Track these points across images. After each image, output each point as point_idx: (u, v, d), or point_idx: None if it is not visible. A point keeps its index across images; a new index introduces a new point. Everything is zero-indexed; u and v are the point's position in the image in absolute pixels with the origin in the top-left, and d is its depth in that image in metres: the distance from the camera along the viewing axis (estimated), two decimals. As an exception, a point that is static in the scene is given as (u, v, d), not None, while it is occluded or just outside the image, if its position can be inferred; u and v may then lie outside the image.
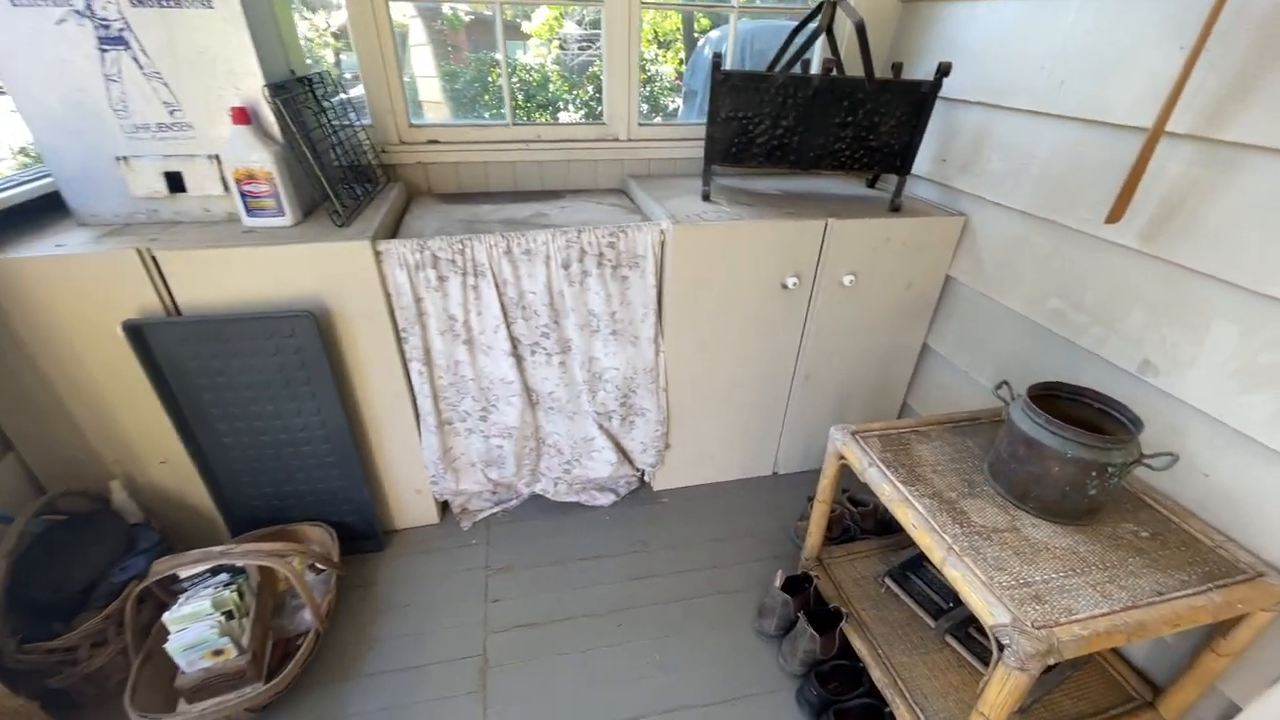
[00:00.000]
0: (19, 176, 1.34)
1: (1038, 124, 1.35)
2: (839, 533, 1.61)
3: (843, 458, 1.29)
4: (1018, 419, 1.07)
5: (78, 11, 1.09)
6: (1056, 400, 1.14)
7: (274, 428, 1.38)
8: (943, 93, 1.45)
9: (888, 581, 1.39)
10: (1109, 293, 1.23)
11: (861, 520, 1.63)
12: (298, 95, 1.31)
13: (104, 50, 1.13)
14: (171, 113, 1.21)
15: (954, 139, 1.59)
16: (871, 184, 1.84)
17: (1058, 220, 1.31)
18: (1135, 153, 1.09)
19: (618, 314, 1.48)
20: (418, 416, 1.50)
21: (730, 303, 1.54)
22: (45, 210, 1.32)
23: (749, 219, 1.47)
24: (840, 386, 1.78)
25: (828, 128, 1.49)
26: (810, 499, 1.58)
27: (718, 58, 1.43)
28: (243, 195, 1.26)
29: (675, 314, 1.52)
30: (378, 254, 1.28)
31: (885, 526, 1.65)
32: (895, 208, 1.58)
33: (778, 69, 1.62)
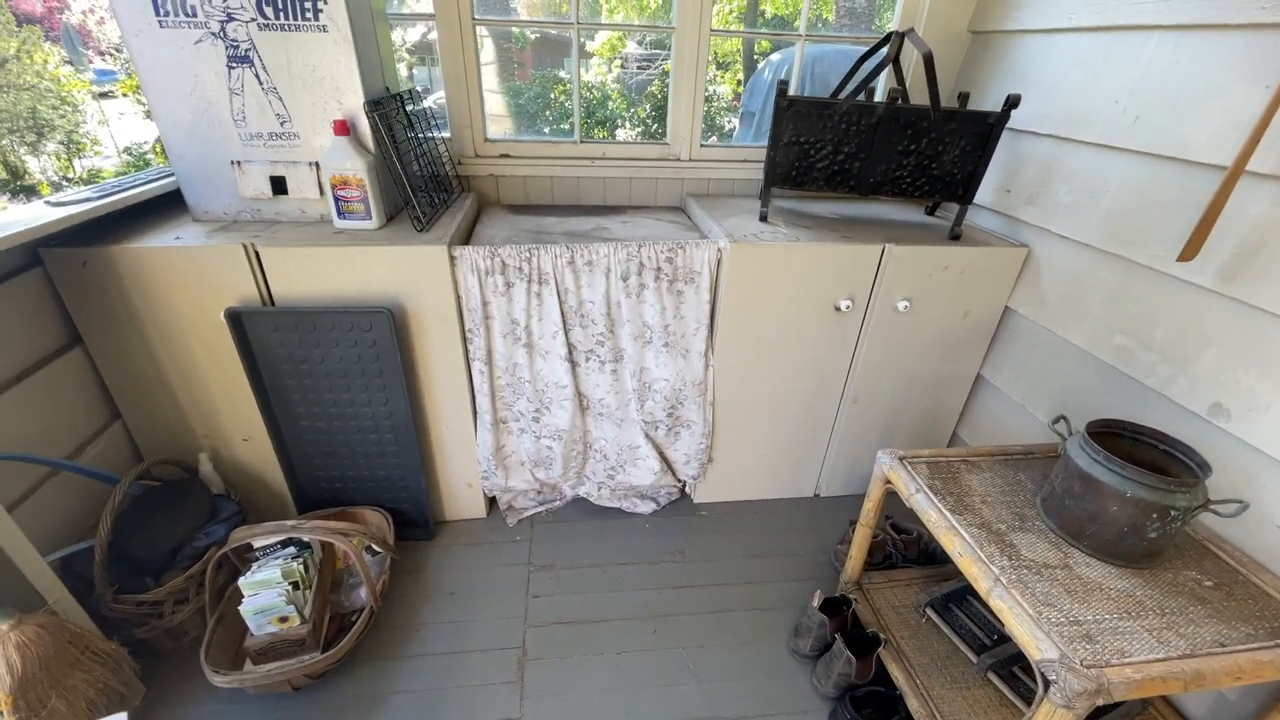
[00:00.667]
0: (147, 175, 1.50)
1: (1109, 158, 1.33)
2: (880, 559, 1.59)
3: (889, 482, 1.29)
4: (1075, 454, 1.06)
5: (213, 34, 1.23)
6: (1118, 439, 1.11)
7: (345, 415, 1.48)
8: (1010, 123, 1.45)
9: (929, 612, 1.37)
10: (1180, 332, 1.20)
11: (904, 548, 1.60)
12: (390, 110, 1.43)
13: (231, 68, 1.27)
14: (282, 123, 1.34)
15: (1020, 170, 1.57)
16: (931, 211, 1.84)
17: (1127, 256, 1.29)
18: (1211, 191, 1.07)
19: (671, 327, 1.53)
20: (475, 414, 1.58)
21: (782, 321, 1.57)
22: (166, 206, 1.47)
23: (805, 241, 1.50)
24: (889, 412, 1.77)
25: (890, 155, 1.51)
26: (852, 523, 1.57)
27: (783, 84, 1.48)
28: (336, 199, 1.38)
29: (727, 330, 1.56)
30: (452, 259, 1.38)
31: (928, 556, 1.63)
32: (955, 236, 1.58)
33: (842, 96, 1.65)
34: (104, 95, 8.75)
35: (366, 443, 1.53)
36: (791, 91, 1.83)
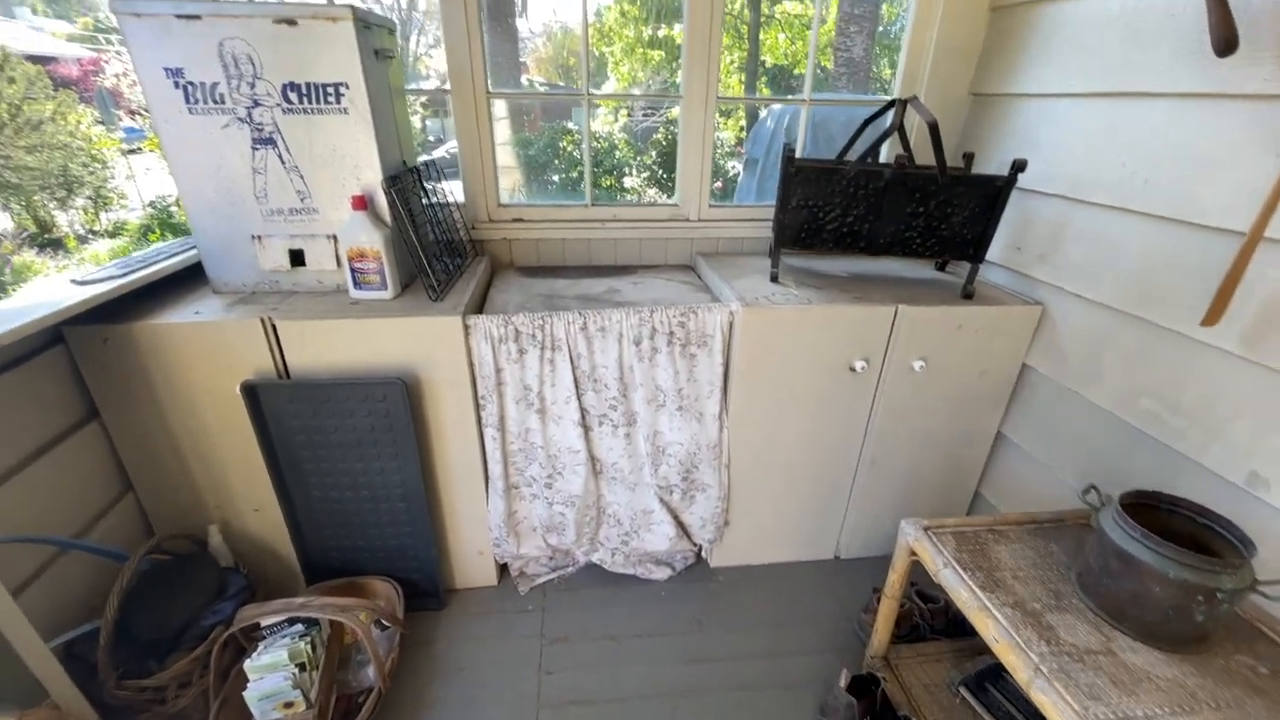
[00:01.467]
0: (170, 249, 1.54)
1: (1121, 219, 1.33)
2: (907, 630, 1.52)
3: (914, 554, 1.25)
4: (1109, 529, 1.02)
5: (240, 119, 1.28)
6: (1153, 511, 1.07)
7: (358, 484, 1.47)
8: (1017, 184, 1.46)
9: (962, 691, 1.30)
10: (1209, 397, 1.17)
11: (932, 618, 1.54)
12: (407, 184, 1.47)
13: (255, 149, 1.31)
14: (302, 199, 1.38)
15: (1029, 228, 1.58)
16: (941, 267, 1.84)
17: (1148, 318, 1.27)
18: (1231, 255, 1.06)
19: (684, 390, 1.52)
20: (487, 480, 1.56)
21: (796, 383, 1.55)
22: (187, 278, 1.50)
23: (817, 303, 1.50)
24: (908, 472, 1.73)
25: (899, 217, 1.52)
26: (876, 590, 1.52)
27: (789, 148, 1.51)
28: (353, 271, 1.40)
29: (741, 392, 1.54)
30: (466, 327, 1.38)
31: (958, 626, 1.55)
32: (968, 294, 1.57)
33: (847, 158, 1.68)
34: (132, 151, 9.15)
35: (378, 512, 1.51)
36: (798, 151, 1.86)
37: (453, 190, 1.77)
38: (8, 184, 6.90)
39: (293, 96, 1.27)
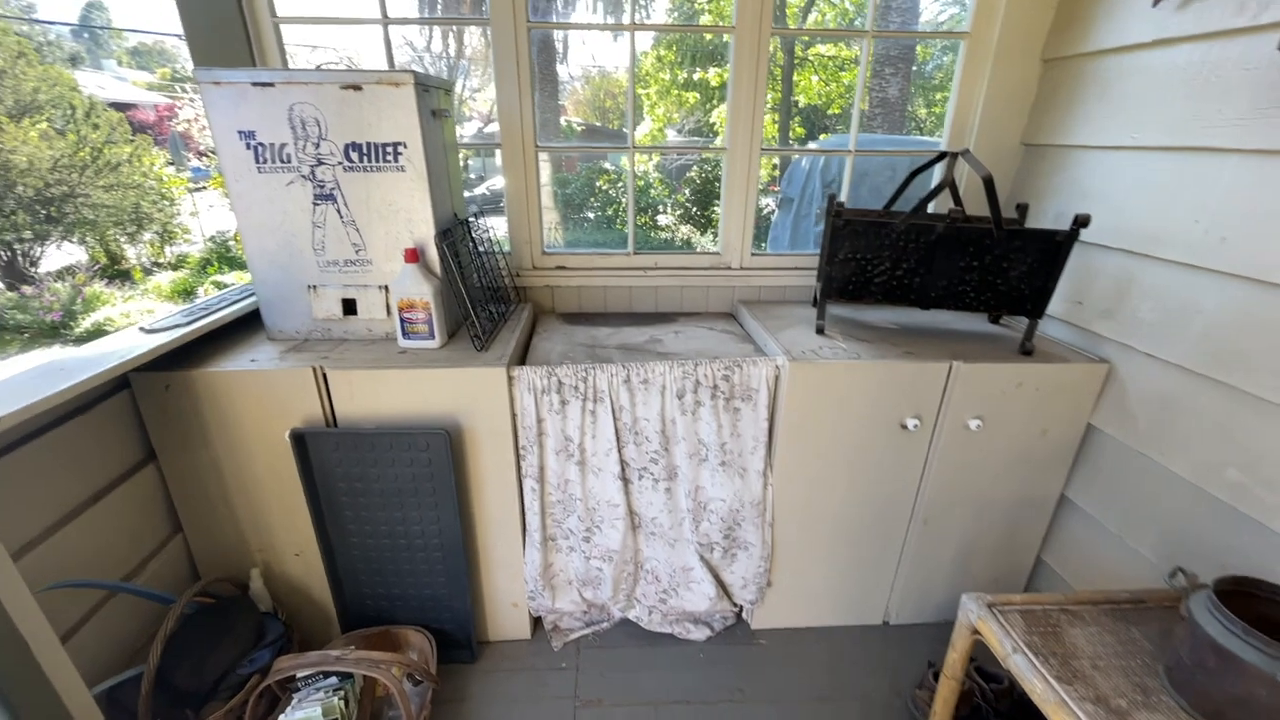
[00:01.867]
0: (230, 295, 1.60)
1: (1196, 277, 1.26)
2: (967, 712, 1.41)
3: (977, 632, 1.16)
4: (1204, 621, 0.92)
5: (303, 176, 1.33)
6: (1253, 599, 0.97)
7: (395, 533, 1.46)
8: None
9: (1034, 788, 1.19)
10: (1307, 473, 1.07)
11: (995, 699, 1.42)
12: (457, 236, 1.50)
13: (316, 204, 1.36)
14: (357, 251, 1.42)
15: (1092, 282, 1.51)
16: (995, 319, 1.78)
17: (1232, 383, 1.19)
18: (1328, 323, 0.99)
19: (728, 445, 1.48)
20: (524, 531, 1.54)
21: (844, 440, 1.50)
22: (243, 324, 1.55)
23: (866, 357, 1.45)
24: (964, 535, 1.64)
25: (952, 271, 1.48)
26: (931, 666, 1.42)
27: (838, 203, 1.49)
28: (402, 321, 1.43)
29: (786, 448, 1.50)
30: (510, 378, 1.38)
31: (1023, 709, 1.43)
32: (1026, 350, 1.50)
33: (893, 207, 1.65)
34: (198, 189, 9.78)
35: (414, 561, 1.50)
36: (841, 196, 1.84)
37: (494, 226, 1.81)
38: (85, 220, 7.42)
39: (354, 155, 1.32)
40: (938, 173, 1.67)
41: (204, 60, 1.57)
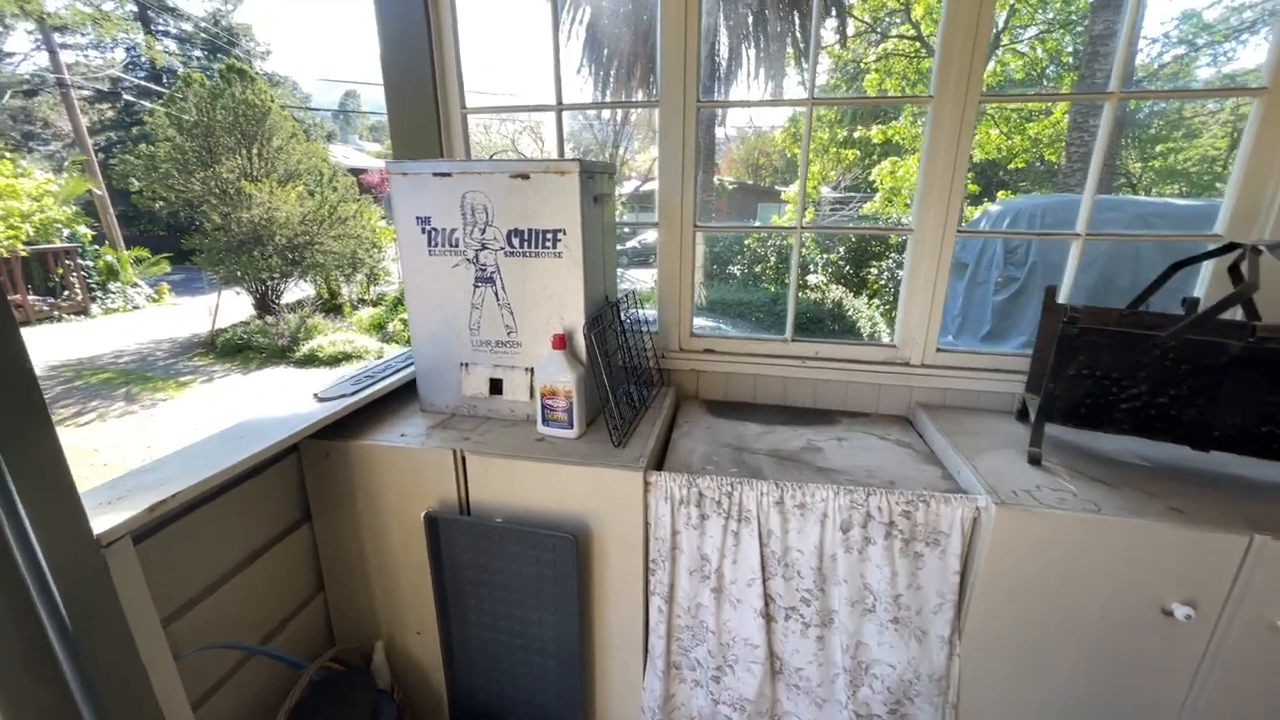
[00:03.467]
0: (394, 365, 1.68)
1: None
2: None
3: None
4: None
5: (468, 260, 1.36)
6: None
7: (513, 630, 1.37)
8: None
9: None
10: None
11: None
12: (607, 320, 1.43)
13: (476, 286, 1.38)
14: (509, 333, 1.40)
15: None
16: (1307, 466, 1.27)
17: None
18: None
19: (903, 598, 1.19)
20: (646, 654, 1.36)
21: (1072, 617, 1.12)
22: (401, 393, 1.62)
23: (1111, 511, 1.09)
24: (1260, 781, 1.13)
25: (1252, 405, 1.07)
26: None
27: (1070, 309, 1.17)
28: (543, 407, 1.37)
29: (984, 614, 1.16)
30: (647, 484, 1.25)
31: None
32: (1384, 531, 1.02)
33: (1145, 307, 1.28)
34: (400, 240, 11.47)
35: (529, 664, 1.39)
36: (1062, 294, 1.49)
37: (639, 279, 1.73)
38: (317, 263, 9.00)
39: (515, 241, 1.32)
40: (1208, 269, 1.27)
41: (402, 144, 1.72)
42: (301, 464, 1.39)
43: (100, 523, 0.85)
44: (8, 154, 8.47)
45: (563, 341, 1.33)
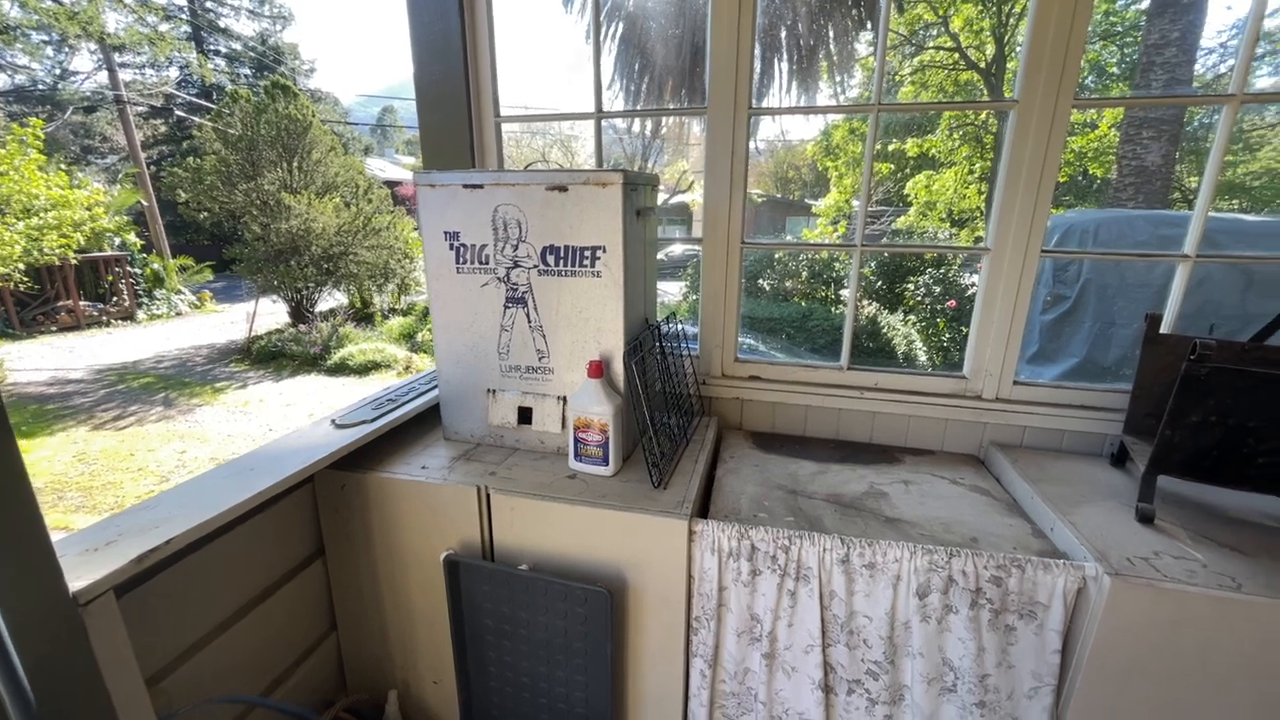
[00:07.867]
0: (416, 387, 1.58)
1: None
2: None
3: None
4: None
5: (499, 278, 1.25)
6: None
7: (538, 688, 1.23)
8: None
9: None
10: None
11: None
12: (646, 346, 1.30)
13: (506, 307, 1.27)
14: (540, 358, 1.29)
15: None
16: None
17: None
18: None
19: (991, 678, 1.02)
20: (686, 722, 1.21)
21: (1206, 710, 0.94)
22: (423, 419, 1.51)
23: (1255, 589, 0.90)
24: None
25: None
26: None
27: (1185, 342, 1.00)
28: (576, 440, 1.24)
29: (1090, 705, 0.98)
30: (691, 534, 1.11)
31: None
32: None
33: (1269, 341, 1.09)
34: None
35: (553, 724, 1.25)
36: (1165, 323, 1.31)
37: (667, 291, 1.59)
38: (351, 273, 9.13)
39: (550, 259, 1.21)
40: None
41: (433, 154, 1.63)
42: (315, 495, 1.29)
43: (78, 577, 0.75)
44: (64, 167, 8.85)
45: (599, 369, 1.20)
